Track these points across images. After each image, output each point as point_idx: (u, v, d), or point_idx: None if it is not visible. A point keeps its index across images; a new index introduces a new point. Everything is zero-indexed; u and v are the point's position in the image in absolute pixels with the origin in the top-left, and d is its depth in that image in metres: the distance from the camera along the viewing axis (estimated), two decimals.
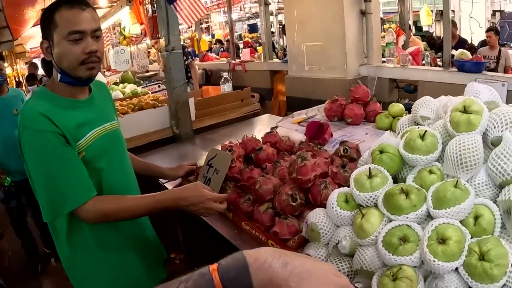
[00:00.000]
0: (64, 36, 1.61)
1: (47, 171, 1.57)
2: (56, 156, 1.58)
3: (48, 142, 1.56)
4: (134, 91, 5.33)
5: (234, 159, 2.03)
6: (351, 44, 4.36)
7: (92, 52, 1.65)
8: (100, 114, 1.85)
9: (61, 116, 1.63)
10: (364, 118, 2.54)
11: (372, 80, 4.31)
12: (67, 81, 1.70)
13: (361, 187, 1.39)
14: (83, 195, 1.61)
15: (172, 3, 3.34)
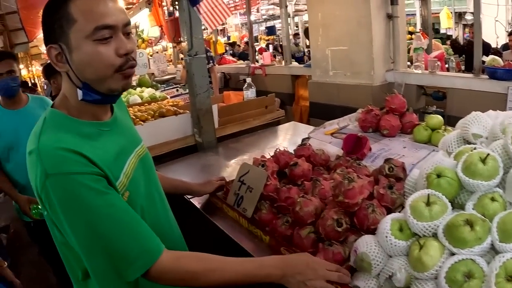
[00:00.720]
0: (88, 34, 1.21)
1: (95, 229, 1.18)
2: (103, 207, 1.19)
3: (88, 189, 1.17)
4: (152, 95, 5.24)
5: (269, 176, 1.91)
6: (378, 48, 4.27)
7: (129, 53, 1.28)
8: (128, 136, 1.52)
9: (93, 148, 1.25)
10: (399, 130, 2.41)
11: (399, 86, 4.21)
12: (93, 99, 1.30)
13: (420, 216, 1.27)
14: (153, 252, 1.26)
15: (195, 5, 3.22)
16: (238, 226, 1.93)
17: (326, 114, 4.44)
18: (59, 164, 1.15)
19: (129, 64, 1.29)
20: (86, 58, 1.23)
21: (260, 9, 17.24)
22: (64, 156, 1.16)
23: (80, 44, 1.22)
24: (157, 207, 1.56)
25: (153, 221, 1.41)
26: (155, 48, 10.63)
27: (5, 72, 3.00)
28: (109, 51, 1.24)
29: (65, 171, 1.15)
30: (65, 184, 1.15)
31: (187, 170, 3.04)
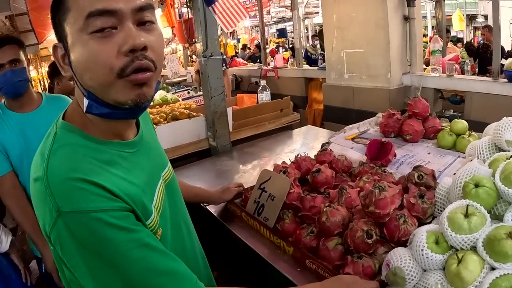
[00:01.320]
0: (81, 27, 0.93)
1: (128, 276, 0.95)
2: (135, 249, 0.96)
3: (114, 229, 0.93)
4: (164, 97, 5.21)
5: (292, 183, 1.82)
6: (395, 51, 4.22)
7: (137, 49, 0.94)
8: (155, 158, 1.27)
9: (116, 177, 1.00)
10: (422, 135, 2.34)
11: (415, 90, 4.14)
12: (100, 113, 1.02)
13: (458, 229, 1.20)
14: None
15: (210, 5, 3.15)
16: (259, 236, 1.84)
17: (341, 117, 4.39)
18: (75, 200, 0.91)
19: (136, 64, 0.95)
20: (82, 59, 0.96)
21: (270, 12, 17.20)
22: (80, 188, 0.91)
23: (76, 40, 0.95)
24: (184, 238, 1.35)
25: (179, 253, 1.14)
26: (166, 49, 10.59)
27: (6, 62, 2.26)
28: (107, 48, 0.93)
29: (83, 209, 0.90)
30: (84, 224, 0.90)
31: (202, 175, 2.98)
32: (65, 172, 0.93)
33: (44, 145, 1.03)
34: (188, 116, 3.55)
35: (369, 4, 4.21)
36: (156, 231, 1.11)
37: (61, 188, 0.91)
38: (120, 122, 1.10)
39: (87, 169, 0.95)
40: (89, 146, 1.02)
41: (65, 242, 0.92)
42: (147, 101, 1.02)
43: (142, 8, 0.97)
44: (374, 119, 2.65)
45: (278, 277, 1.58)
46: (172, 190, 1.33)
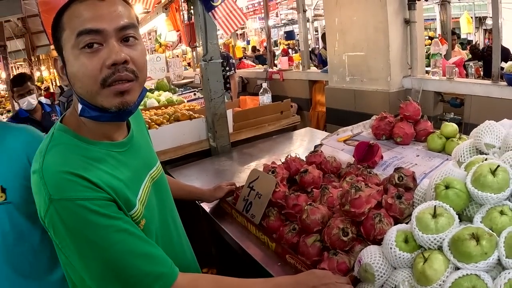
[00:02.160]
0: (74, 43, 1.09)
1: (107, 256, 1.09)
2: (114, 233, 1.09)
3: (97, 215, 1.07)
4: (169, 99, 5.28)
5: (278, 182, 1.90)
6: (395, 54, 4.22)
7: (118, 63, 1.10)
8: (143, 158, 1.40)
9: (102, 172, 1.14)
10: (413, 137, 2.38)
11: (416, 93, 4.15)
12: (90, 116, 1.18)
13: (425, 228, 1.24)
14: (168, 275, 1.18)
15: (210, 11, 3.23)
16: (246, 232, 1.93)
17: (342, 120, 4.40)
18: (64, 189, 1.06)
19: (116, 77, 1.11)
20: (74, 71, 1.12)
21: (280, 14, 17.20)
22: (69, 180, 1.07)
23: (69, 55, 1.12)
24: (171, 232, 1.47)
25: (166, 246, 1.31)
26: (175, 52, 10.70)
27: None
28: (93, 62, 1.09)
29: (71, 197, 1.05)
30: (71, 210, 1.05)
31: (200, 174, 3.04)
32: (57, 166, 1.09)
33: (43, 143, 1.19)
34: (190, 118, 3.61)
35: (370, 8, 4.23)
36: (140, 221, 1.23)
37: (53, 179, 1.07)
38: (109, 124, 1.25)
39: (76, 165, 1.10)
40: (80, 146, 1.17)
41: (56, 225, 1.07)
42: (130, 107, 1.17)
43: (124, 27, 1.13)
44: (368, 122, 2.68)
45: (260, 271, 1.66)
46: (160, 187, 1.45)
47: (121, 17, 1.13)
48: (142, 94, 1.23)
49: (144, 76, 1.22)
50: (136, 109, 1.27)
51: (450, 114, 4.18)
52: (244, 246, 1.82)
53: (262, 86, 4.32)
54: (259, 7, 13.63)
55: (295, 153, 2.27)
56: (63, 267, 1.26)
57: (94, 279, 1.12)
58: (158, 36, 9.53)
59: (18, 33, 11.04)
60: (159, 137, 3.29)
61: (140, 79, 1.18)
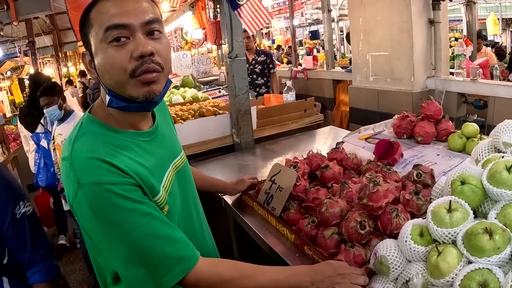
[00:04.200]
0: (102, 38, 1.16)
1: (132, 238, 1.15)
2: (139, 216, 1.16)
3: (122, 199, 1.14)
4: (194, 96, 5.35)
5: (299, 176, 1.95)
6: (419, 55, 4.19)
7: (145, 55, 1.16)
8: (168, 147, 1.47)
9: (128, 159, 1.22)
10: (434, 137, 2.40)
11: (439, 94, 4.12)
12: (118, 106, 1.24)
13: (440, 222, 1.26)
14: (190, 258, 1.24)
15: (236, 9, 3.29)
16: (266, 224, 1.99)
17: (365, 120, 4.38)
18: (92, 174, 1.13)
19: (144, 68, 1.17)
20: (103, 63, 1.19)
21: (305, 13, 17.13)
22: (96, 165, 1.14)
23: (98, 49, 1.18)
24: (193, 219, 1.54)
25: (188, 233, 1.35)
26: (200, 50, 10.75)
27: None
28: (122, 54, 1.16)
29: (98, 181, 1.12)
30: (98, 194, 1.12)
31: (223, 169, 3.11)
32: (85, 153, 1.16)
33: (73, 132, 1.27)
34: (214, 114, 3.69)
35: (394, 7, 4.21)
36: (163, 207, 1.30)
37: (81, 165, 1.14)
38: (135, 114, 1.32)
39: (103, 152, 1.17)
40: (107, 134, 1.25)
41: (83, 209, 1.14)
42: (156, 96, 1.24)
43: (149, 22, 1.19)
44: (390, 121, 2.70)
45: (279, 261, 1.72)
46: (183, 176, 1.51)
47: (146, 12, 1.19)
48: (167, 85, 1.30)
49: (169, 68, 1.29)
50: (161, 100, 1.33)
51: (474, 115, 4.14)
52: (264, 237, 1.88)
53: (286, 84, 4.37)
54: (284, 6, 13.64)
55: (317, 150, 2.31)
56: (89, 250, 1.34)
57: (118, 260, 1.19)
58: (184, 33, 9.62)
59: (46, 29, 11.31)
60: (184, 132, 3.37)
61: (165, 70, 1.24)
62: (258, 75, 6.34)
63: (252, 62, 6.28)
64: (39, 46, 10.19)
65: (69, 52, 16.06)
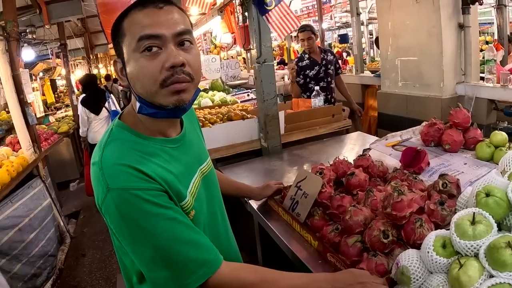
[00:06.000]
0: (134, 47, 1.20)
1: (157, 242, 1.19)
2: (165, 221, 1.20)
3: (149, 204, 1.17)
4: (223, 99, 5.41)
5: (325, 183, 1.96)
6: (449, 60, 4.14)
7: (176, 65, 1.20)
8: (195, 154, 1.50)
9: (156, 165, 1.25)
10: (462, 145, 2.37)
11: (469, 100, 4.06)
12: (148, 113, 1.29)
13: (463, 234, 1.25)
14: (213, 262, 1.28)
15: (264, 14, 3.32)
16: (290, 230, 2.02)
17: (393, 126, 4.36)
18: (120, 180, 1.17)
19: (174, 78, 1.21)
20: (134, 72, 1.23)
21: (334, 17, 17.00)
22: (125, 171, 1.18)
23: (130, 58, 1.23)
24: (218, 224, 1.57)
25: (213, 237, 1.39)
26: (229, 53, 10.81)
27: None
28: (153, 65, 1.20)
29: (126, 187, 1.16)
30: (126, 199, 1.16)
31: (250, 173, 3.14)
32: (114, 159, 1.21)
33: (103, 138, 1.32)
34: (242, 118, 3.72)
35: (423, 12, 4.16)
36: (189, 212, 1.33)
37: (110, 171, 1.19)
38: (164, 121, 1.36)
39: (132, 158, 1.22)
40: (135, 141, 1.29)
41: (111, 212, 1.18)
42: (185, 104, 1.27)
43: (181, 33, 1.23)
44: (418, 128, 2.68)
45: (301, 267, 1.74)
46: (209, 182, 1.55)
47: (178, 24, 1.23)
48: (196, 94, 1.34)
49: (199, 78, 1.32)
50: (190, 108, 1.39)
51: (504, 123, 4.07)
52: (287, 243, 1.90)
53: (315, 89, 4.38)
54: (313, 9, 13.56)
55: (343, 156, 2.32)
56: (116, 250, 1.40)
57: (143, 262, 1.22)
58: (213, 38, 9.71)
59: (77, 32, 11.53)
60: (212, 135, 3.41)
61: (195, 80, 1.28)
62: (332, 77, 5.30)
63: (322, 63, 5.18)
64: (70, 48, 10.40)
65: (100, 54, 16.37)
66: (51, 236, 4.86)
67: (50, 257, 4.69)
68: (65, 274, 4.80)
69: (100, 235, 5.63)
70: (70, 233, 5.63)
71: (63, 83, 18.90)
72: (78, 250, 5.35)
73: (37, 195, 4.84)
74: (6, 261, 3.87)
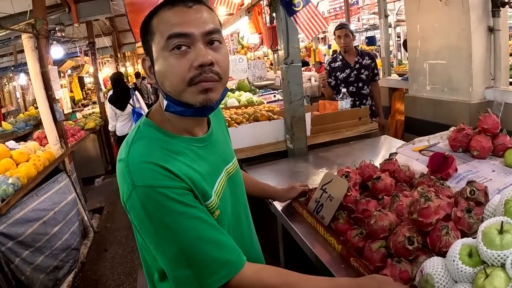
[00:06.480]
0: (163, 46, 1.21)
1: (181, 240, 1.19)
2: (189, 220, 1.20)
3: (174, 202, 1.18)
4: (249, 99, 5.43)
5: (350, 187, 1.96)
6: (478, 64, 4.06)
7: (205, 64, 1.20)
8: (221, 153, 1.50)
9: (182, 164, 1.25)
10: (491, 152, 2.33)
11: (498, 105, 3.98)
12: (175, 111, 1.29)
13: (490, 243, 1.23)
14: (236, 263, 1.27)
15: (292, 15, 3.32)
16: (314, 232, 2.02)
17: (420, 130, 4.29)
18: (146, 177, 1.17)
19: (202, 77, 1.21)
20: (163, 71, 1.24)
21: (361, 19, 16.86)
22: (151, 169, 1.18)
23: (159, 56, 1.23)
24: (242, 225, 1.57)
25: (237, 238, 1.39)
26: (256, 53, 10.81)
27: None
28: (182, 63, 1.20)
29: (152, 184, 1.16)
30: (151, 197, 1.16)
31: (275, 174, 3.15)
32: (141, 156, 1.22)
33: (130, 135, 1.33)
34: (269, 118, 3.73)
35: (452, 14, 4.09)
36: (214, 212, 1.33)
37: (137, 168, 1.20)
38: (191, 119, 1.36)
39: (158, 156, 1.22)
40: (162, 139, 1.30)
41: (136, 209, 1.19)
42: (212, 103, 1.27)
43: (210, 32, 1.24)
44: (446, 133, 2.64)
45: (324, 271, 1.74)
46: (235, 182, 1.55)
47: (207, 23, 1.23)
48: (223, 93, 1.34)
49: (227, 77, 1.32)
50: (217, 107, 1.38)
51: None
52: (311, 246, 1.91)
53: (342, 91, 4.36)
54: (340, 11, 13.51)
55: (369, 160, 2.31)
56: (139, 247, 1.42)
57: (166, 260, 1.23)
58: (241, 38, 9.74)
59: (106, 31, 11.72)
60: (238, 136, 3.43)
61: (223, 80, 1.29)
62: (364, 82, 5.00)
63: (355, 66, 4.96)
64: (98, 46, 10.57)
65: (127, 53, 16.58)
66: (74, 230, 4.97)
67: (73, 250, 4.80)
68: (87, 268, 4.90)
69: (123, 231, 5.72)
70: (94, 228, 5.75)
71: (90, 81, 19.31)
72: (101, 244, 5.46)
73: (62, 190, 4.96)
74: (30, 252, 3.97)
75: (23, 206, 4.06)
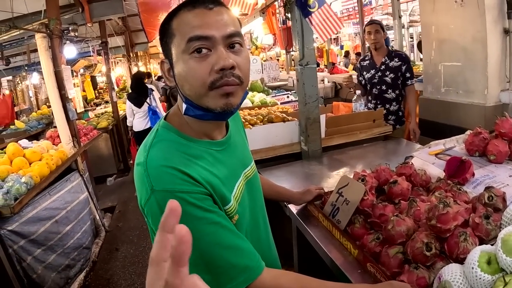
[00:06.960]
0: (184, 48, 1.19)
1: (199, 245, 1.16)
2: (208, 225, 1.19)
3: (193, 207, 1.16)
4: (263, 100, 5.44)
5: (367, 191, 1.94)
6: (493, 66, 3.99)
7: (226, 68, 1.18)
8: (239, 157, 1.49)
9: (201, 168, 1.24)
10: (508, 156, 2.32)
11: None
12: (194, 115, 1.27)
13: (510, 251, 1.22)
14: (254, 269, 1.27)
15: (307, 16, 3.31)
16: (330, 236, 2.01)
17: (434, 133, 4.27)
18: (165, 182, 1.16)
19: (224, 81, 1.19)
20: (183, 74, 1.21)
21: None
22: (170, 174, 1.16)
23: (179, 59, 1.21)
24: (260, 229, 1.56)
25: (255, 243, 1.37)
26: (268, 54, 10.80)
27: None
28: (203, 66, 1.18)
29: (171, 189, 1.15)
30: None
31: (289, 176, 3.15)
32: (160, 160, 1.20)
33: (148, 138, 1.31)
34: (283, 120, 3.73)
35: (467, 16, 4.03)
36: (233, 216, 1.32)
37: (155, 172, 1.18)
38: (210, 123, 1.34)
39: (177, 160, 1.20)
40: (181, 142, 1.28)
41: (154, 213, 1.17)
42: (233, 108, 1.25)
43: (231, 35, 1.21)
44: (462, 137, 2.63)
45: (339, 276, 1.74)
46: (253, 186, 1.54)
47: (228, 25, 1.21)
48: (243, 96, 1.32)
49: (247, 81, 1.30)
50: (237, 111, 1.36)
51: None
52: (326, 250, 1.90)
53: (356, 93, 4.34)
54: (353, 12, 13.49)
55: (385, 163, 2.30)
56: None
57: None
58: (255, 39, 9.77)
59: (118, 30, 11.80)
60: (252, 137, 3.41)
61: (244, 84, 1.26)
62: (389, 86, 4.62)
63: (380, 67, 4.64)
64: (111, 46, 10.62)
65: (139, 53, 16.64)
66: (86, 229, 5.02)
67: (85, 249, 4.84)
68: (98, 267, 4.94)
69: (135, 231, 5.76)
70: (105, 227, 5.79)
71: (103, 80, 19.41)
72: (112, 244, 5.50)
73: (75, 189, 5.00)
74: (42, 251, 4.02)
75: (35, 205, 4.11)
